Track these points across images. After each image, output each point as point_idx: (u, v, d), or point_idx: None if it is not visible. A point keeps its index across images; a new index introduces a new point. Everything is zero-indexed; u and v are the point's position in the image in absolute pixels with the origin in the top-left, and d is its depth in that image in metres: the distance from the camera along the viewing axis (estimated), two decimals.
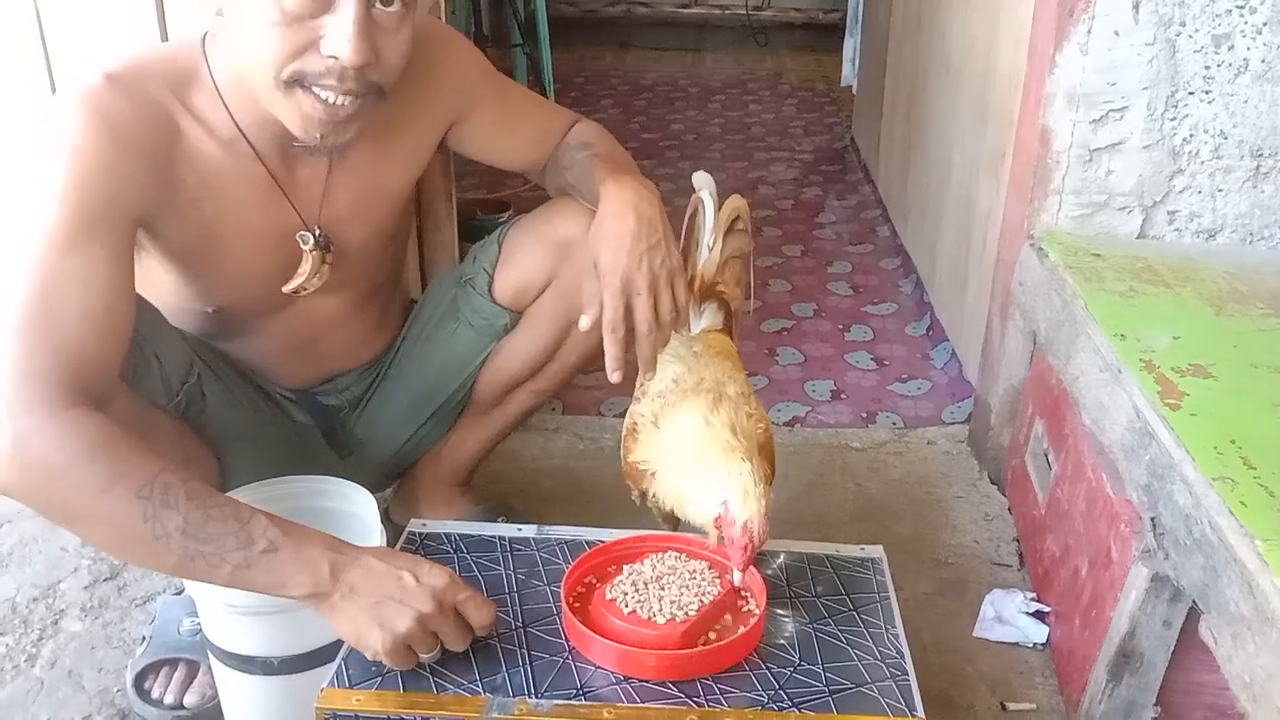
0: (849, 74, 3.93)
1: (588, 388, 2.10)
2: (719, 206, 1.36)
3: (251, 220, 1.18)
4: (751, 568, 1.07)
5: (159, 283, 1.20)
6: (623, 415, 2.03)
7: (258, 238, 1.20)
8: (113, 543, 1.01)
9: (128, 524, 0.95)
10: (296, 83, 1.04)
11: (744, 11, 5.77)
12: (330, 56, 1.03)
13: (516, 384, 1.46)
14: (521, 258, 1.39)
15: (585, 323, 1.21)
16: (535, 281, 1.39)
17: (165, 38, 1.55)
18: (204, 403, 1.25)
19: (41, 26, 1.58)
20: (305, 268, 1.23)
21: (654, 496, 1.17)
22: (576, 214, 1.33)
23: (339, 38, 1.01)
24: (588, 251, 1.22)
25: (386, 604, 0.98)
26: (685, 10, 5.88)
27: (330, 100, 1.05)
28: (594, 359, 1.40)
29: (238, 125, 1.13)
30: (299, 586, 0.98)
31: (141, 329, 1.10)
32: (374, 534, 1.18)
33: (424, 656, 1.00)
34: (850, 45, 3.91)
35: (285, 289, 1.24)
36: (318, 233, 1.23)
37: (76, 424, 0.96)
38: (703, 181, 1.36)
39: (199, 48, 1.13)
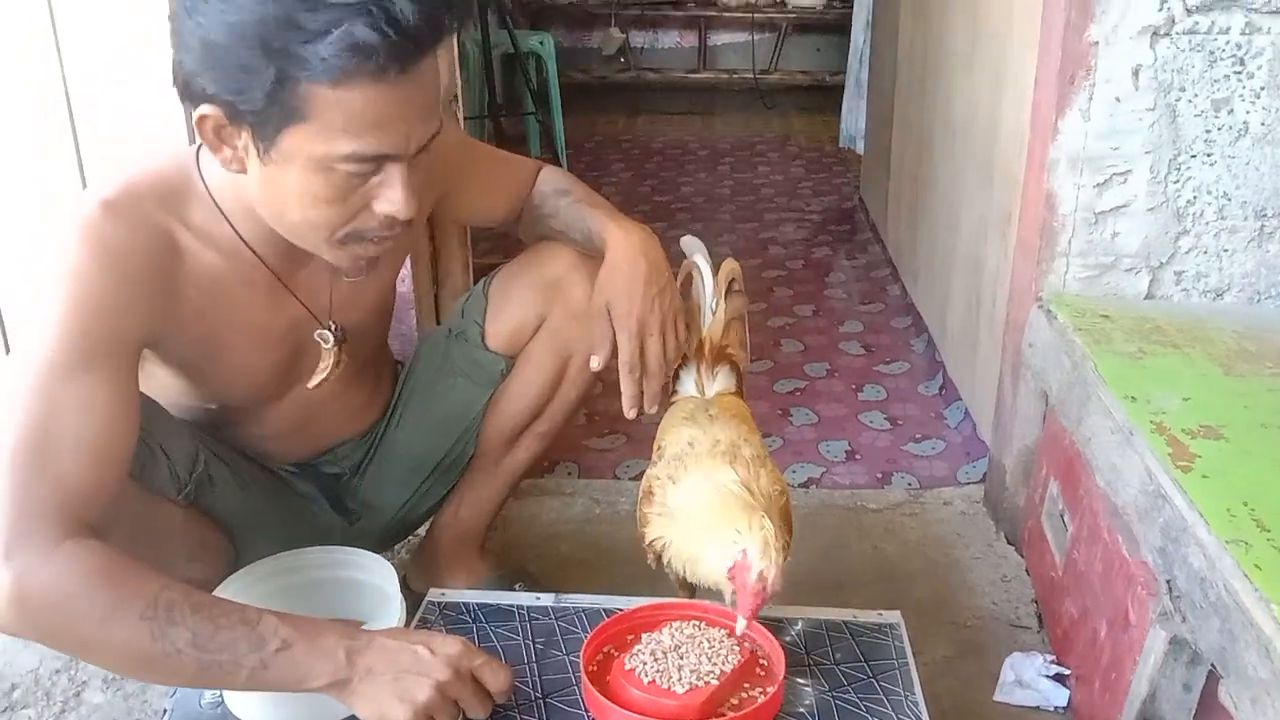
0: (846, 136, 4.00)
1: (603, 451, 2.12)
2: (714, 270, 1.38)
3: (257, 321, 1.20)
4: (770, 636, 1.08)
5: (161, 384, 1.21)
6: (639, 478, 2.04)
7: (264, 336, 1.22)
8: (125, 666, 1.03)
9: (136, 647, 0.96)
10: (350, 238, 1.08)
11: (751, 75, 5.88)
12: (384, 214, 1.06)
13: (522, 428, 1.48)
14: (511, 303, 1.41)
15: (597, 363, 1.29)
16: (528, 323, 1.41)
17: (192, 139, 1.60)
18: (213, 488, 1.26)
19: (72, 113, 1.63)
20: (327, 363, 1.26)
21: (669, 563, 1.18)
22: (561, 253, 1.37)
23: (392, 199, 1.05)
24: (597, 294, 1.27)
25: (405, 678, 1.00)
26: (694, 75, 5.99)
27: (382, 243, 1.10)
28: (593, 393, 1.51)
29: (239, 234, 1.14)
30: (318, 678, 1.00)
31: (146, 424, 1.10)
32: (394, 604, 1.19)
33: None
34: (848, 108, 3.97)
35: (310, 385, 1.27)
36: (334, 328, 1.25)
37: (72, 556, 0.96)
38: (693, 246, 1.39)
39: (193, 160, 1.14)
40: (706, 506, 1.12)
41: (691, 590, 1.25)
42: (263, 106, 0.97)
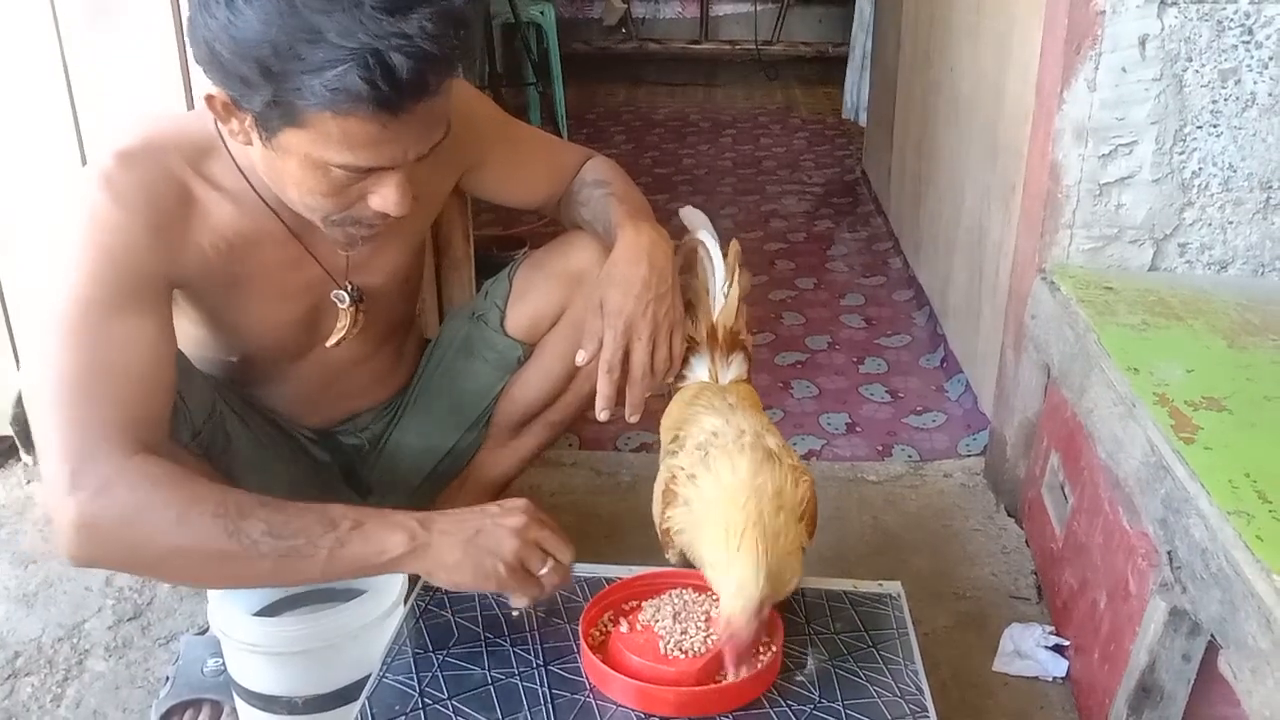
0: (849, 107, 3.98)
1: (604, 423, 2.11)
2: (723, 249, 1.31)
3: (275, 275, 1.21)
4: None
5: (184, 333, 1.22)
6: (639, 450, 2.04)
7: (282, 291, 1.23)
8: (203, 568, 1.03)
9: (213, 544, 0.99)
10: (345, 221, 1.09)
11: (754, 46, 5.84)
12: (378, 209, 1.07)
13: (532, 415, 1.48)
14: (534, 291, 1.42)
15: (582, 357, 1.26)
16: (548, 314, 1.41)
17: (191, 105, 1.58)
18: (227, 442, 1.27)
19: (73, 97, 1.62)
20: (344, 323, 1.27)
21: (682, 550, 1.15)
22: (587, 246, 1.36)
23: (387, 199, 1.06)
24: (596, 288, 1.25)
25: (483, 535, 1.04)
26: (696, 46, 5.95)
27: (375, 228, 1.12)
28: None
29: (255, 190, 1.15)
30: (397, 545, 1.02)
31: None
32: (394, 579, 1.19)
33: (542, 573, 1.07)
34: (851, 79, 3.95)
35: (328, 344, 1.28)
36: (350, 288, 1.26)
37: (140, 468, 0.99)
38: (698, 220, 1.32)
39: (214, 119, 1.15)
40: (715, 520, 1.04)
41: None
42: (262, 110, 0.99)
